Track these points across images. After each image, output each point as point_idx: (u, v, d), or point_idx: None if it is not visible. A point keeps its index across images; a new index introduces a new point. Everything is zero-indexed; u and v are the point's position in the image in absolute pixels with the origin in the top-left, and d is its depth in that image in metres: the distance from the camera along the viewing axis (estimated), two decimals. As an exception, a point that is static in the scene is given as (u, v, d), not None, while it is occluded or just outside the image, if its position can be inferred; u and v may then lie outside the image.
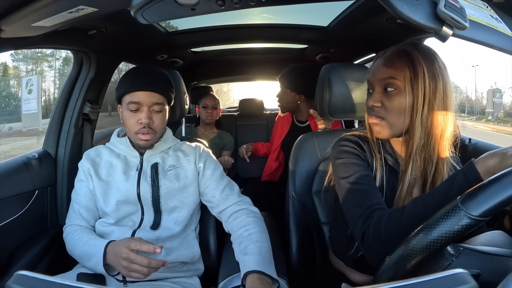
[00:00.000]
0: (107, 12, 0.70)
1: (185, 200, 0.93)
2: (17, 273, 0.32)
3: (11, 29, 0.72)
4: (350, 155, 0.69)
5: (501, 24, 0.55)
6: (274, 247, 0.87)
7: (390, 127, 0.66)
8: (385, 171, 0.69)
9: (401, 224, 0.53)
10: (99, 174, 0.92)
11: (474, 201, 0.40)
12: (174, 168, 0.94)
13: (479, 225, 0.40)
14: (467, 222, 0.40)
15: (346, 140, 0.73)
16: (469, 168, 0.51)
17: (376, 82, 0.67)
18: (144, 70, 0.91)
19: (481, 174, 0.49)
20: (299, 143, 1.03)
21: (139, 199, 0.90)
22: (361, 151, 0.71)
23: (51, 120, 1.20)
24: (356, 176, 0.66)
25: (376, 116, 0.67)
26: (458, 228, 0.40)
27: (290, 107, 1.64)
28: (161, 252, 0.72)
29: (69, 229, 0.91)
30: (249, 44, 1.89)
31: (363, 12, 1.09)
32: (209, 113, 1.92)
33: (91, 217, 0.93)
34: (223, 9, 0.63)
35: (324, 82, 0.99)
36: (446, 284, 0.29)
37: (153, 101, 0.88)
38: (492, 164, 0.48)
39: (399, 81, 0.63)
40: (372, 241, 0.56)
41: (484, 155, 0.50)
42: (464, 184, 0.50)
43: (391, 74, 0.64)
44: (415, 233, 0.45)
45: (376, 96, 0.67)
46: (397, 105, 0.64)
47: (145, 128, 0.87)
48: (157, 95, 0.88)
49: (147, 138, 0.88)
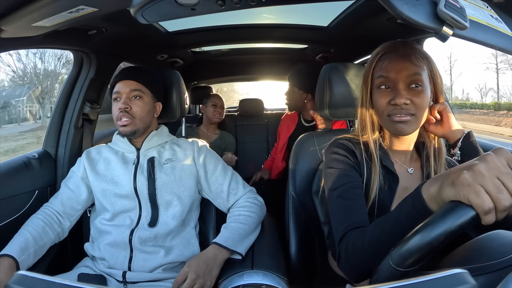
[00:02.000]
0: (107, 12, 0.70)
1: (181, 194, 0.94)
2: (17, 273, 0.32)
3: (11, 29, 0.72)
4: (340, 165, 0.70)
5: (501, 24, 0.55)
6: (274, 247, 0.87)
7: (418, 123, 0.67)
8: (381, 173, 0.70)
9: (363, 248, 0.56)
10: (97, 169, 0.96)
11: (398, 255, 0.42)
12: (171, 162, 0.96)
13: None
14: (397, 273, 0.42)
15: (337, 147, 0.73)
16: (416, 196, 0.49)
17: (401, 78, 0.65)
18: (128, 67, 1.00)
19: (427, 201, 0.46)
20: (299, 143, 1.03)
21: (136, 193, 0.91)
22: (352, 159, 0.71)
23: (51, 120, 1.20)
24: (343, 189, 0.67)
25: (406, 113, 0.66)
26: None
27: (297, 106, 1.66)
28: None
29: (39, 211, 0.93)
30: (249, 44, 1.89)
31: (363, 12, 1.09)
32: (219, 112, 1.94)
33: (70, 205, 0.95)
34: (223, 9, 0.63)
35: (324, 82, 0.99)
36: (446, 284, 0.29)
37: (130, 88, 0.94)
38: (433, 193, 0.46)
39: (423, 78, 0.65)
40: (344, 261, 0.60)
41: (430, 180, 0.48)
42: (412, 210, 0.49)
43: (417, 71, 0.65)
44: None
45: (404, 93, 0.65)
46: (425, 101, 0.66)
47: (122, 112, 0.91)
48: (134, 83, 0.95)
49: (124, 123, 0.92)
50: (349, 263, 0.59)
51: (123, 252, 0.87)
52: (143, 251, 0.87)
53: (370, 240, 0.55)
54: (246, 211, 0.93)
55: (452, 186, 0.42)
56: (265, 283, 0.76)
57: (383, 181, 0.70)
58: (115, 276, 0.86)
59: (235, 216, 0.92)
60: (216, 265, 0.82)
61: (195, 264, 0.80)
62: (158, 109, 1.01)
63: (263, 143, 2.31)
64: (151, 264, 0.86)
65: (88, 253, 0.94)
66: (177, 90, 1.07)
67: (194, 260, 0.81)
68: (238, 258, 0.85)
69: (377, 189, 0.69)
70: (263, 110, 2.44)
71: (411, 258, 0.41)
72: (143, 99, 0.95)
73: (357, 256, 0.57)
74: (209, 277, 0.80)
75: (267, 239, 0.96)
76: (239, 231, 0.88)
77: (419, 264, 0.41)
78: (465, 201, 0.39)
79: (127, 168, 0.94)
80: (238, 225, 0.89)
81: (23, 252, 0.80)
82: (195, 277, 0.78)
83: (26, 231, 0.85)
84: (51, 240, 0.90)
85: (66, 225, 0.94)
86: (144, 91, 0.95)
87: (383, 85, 0.68)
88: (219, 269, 0.82)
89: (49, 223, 0.90)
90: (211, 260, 0.82)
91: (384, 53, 0.69)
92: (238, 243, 0.86)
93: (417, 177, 0.74)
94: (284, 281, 0.80)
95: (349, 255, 0.58)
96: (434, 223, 0.40)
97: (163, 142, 1.00)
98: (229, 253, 0.85)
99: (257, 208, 0.95)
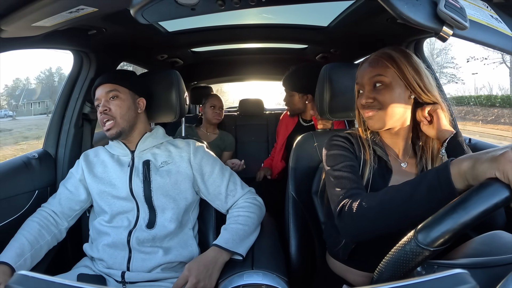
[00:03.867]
0: (107, 12, 0.70)
1: (176, 197, 0.93)
2: (17, 273, 0.32)
3: (11, 29, 0.72)
4: (338, 148, 0.77)
5: (501, 24, 0.55)
6: (274, 247, 0.87)
7: (387, 117, 0.73)
8: (375, 163, 0.76)
9: (371, 208, 0.58)
10: (95, 172, 0.96)
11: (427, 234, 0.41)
12: (166, 165, 0.95)
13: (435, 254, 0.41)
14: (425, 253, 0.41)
15: (336, 136, 0.80)
16: (443, 168, 0.50)
17: (366, 81, 0.75)
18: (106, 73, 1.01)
19: (453, 176, 0.48)
20: (299, 143, 1.03)
21: (133, 195, 0.91)
22: (349, 145, 0.78)
23: (51, 120, 1.20)
24: (341, 165, 0.73)
25: (371, 109, 0.74)
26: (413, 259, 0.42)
27: (299, 109, 1.65)
28: None
29: (35, 213, 0.94)
30: (249, 44, 1.89)
31: (363, 12, 1.09)
32: (217, 113, 1.92)
33: (68, 206, 0.95)
34: (223, 9, 0.63)
35: (324, 82, 0.99)
36: (446, 284, 0.29)
37: (106, 91, 0.95)
38: (464, 169, 0.47)
39: (386, 78, 0.72)
40: (347, 216, 0.62)
41: (462, 157, 0.49)
42: (434, 181, 0.50)
43: (378, 72, 0.73)
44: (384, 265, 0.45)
45: (367, 93, 0.75)
46: (387, 97, 0.72)
47: (102, 115, 0.93)
48: (108, 85, 0.96)
49: (107, 127, 0.93)
50: (352, 217, 0.60)
51: (121, 253, 0.87)
52: (141, 251, 0.87)
53: (381, 201, 0.57)
54: (246, 212, 0.92)
55: (492, 161, 0.43)
56: (265, 283, 0.76)
57: (377, 170, 0.75)
58: (114, 276, 0.86)
59: (234, 217, 0.92)
60: (216, 269, 0.81)
61: (196, 268, 0.79)
62: (142, 104, 1.00)
63: (263, 143, 2.31)
64: (150, 264, 0.86)
65: (87, 253, 0.94)
66: (177, 90, 1.07)
67: (195, 264, 0.80)
68: (239, 259, 0.85)
69: (370, 174, 0.74)
70: (263, 110, 2.44)
71: (442, 238, 0.40)
72: (120, 97, 0.95)
73: (363, 216, 0.58)
74: (209, 281, 0.79)
75: (267, 239, 0.96)
76: (239, 232, 0.87)
77: (448, 244, 0.41)
78: (503, 178, 0.41)
79: (122, 171, 0.94)
80: (238, 226, 0.89)
81: (19, 258, 0.80)
82: (195, 281, 0.76)
83: (22, 236, 0.85)
84: (48, 243, 0.90)
85: (64, 225, 0.94)
86: (120, 89, 0.95)
87: (359, 90, 0.79)
88: (219, 272, 0.82)
89: (45, 225, 0.90)
90: (212, 263, 0.81)
91: (362, 63, 0.78)
92: (239, 244, 0.85)
93: (410, 172, 0.78)
94: (284, 281, 0.80)
95: (354, 209, 0.60)
96: (470, 201, 0.40)
97: (158, 144, 0.99)
98: (229, 254, 0.84)
99: (256, 208, 0.95)
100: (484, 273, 0.40)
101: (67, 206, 0.95)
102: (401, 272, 0.42)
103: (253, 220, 0.92)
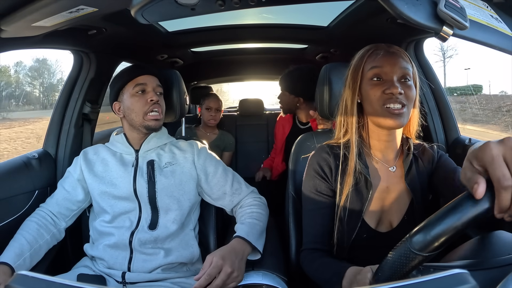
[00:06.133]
0: (107, 12, 0.70)
1: (180, 198, 0.93)
2: (17, 273, 0.32)
3: (11, 29, 0.72)
4: (315, 185, 0.77)
5: (501, 24, 0.55)
6: (274, 247, 0.87)
7: (409, 115, 0.70)
8: (353, 181, 0.73)
9: (312, 270, 0.74)
10: (95, 171, 0.94)
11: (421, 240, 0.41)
12: (171, 165, 0.95)
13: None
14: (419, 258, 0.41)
15: (316, 162, 0.78)
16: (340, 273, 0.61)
17: (395, 71, 0.68)
18: (139, 64, 0.99)
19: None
20: (299, 143, 1.03)
21: (136, 195, 0.91)
22: (328, 174, 0.76)
23: (51, 120, 1.19)
24: (314, 212, 0.78)
25: (401, 103, 0.67)
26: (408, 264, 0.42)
27: (290, 109, 1.66)
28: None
29: (34, 213, 0.93)
30: (250, 44, 1.89)
31: (363, 12, 1.09)
32: (212, 116, 1.89)
33: (65, 206, 0.95)
34: (223, 9, 0.63)
35: (324, 82, 0.99)
36: (446, 284, 0.29)
37: (157, 83, 0.95)
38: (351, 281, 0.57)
39: (412, 74, 0.70)
40: (302, 259, 0.78)
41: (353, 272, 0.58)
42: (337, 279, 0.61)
43: (407, 66, 0.70)
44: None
45: (397, 84, 0.67)
46: (414, 94, 0.70)
47: (155, 104, 0.92)
48: (157, 80, 0.96)
49: (156, 117, 0.93)
50: (304, 267, 0.77)
51: (123, 253, 0.87)
52: (143, 252, 0.87)
53: (316, 271, 0.73)
54: (258, 209, 0.92)
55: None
56: (265, 283, 0.76)
57: (355, 189, 0.73)
58: (114, 277, 0.86)
59: (248, 213, 0.90)
60: (244, 261, 0.78)
61: (229, 258, 0.73)
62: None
63: (263, 143, 2.31)
64: (151, 265, 0.86)
65: (88, 253, 0.94)
66: (177, 90, 1.07)
67: (226, 252, 0.75)
68: (255, 259, 0.82)
69: (348, 196, 0.73)
70: (263, 110, 2.44)
71: (436, 242, 0.39)
72: (162, 95, 0.97)
73: (309, 271, 0.75)
74: (241, 272, 0.75)
75: (267, 239, 0.96)
76: (256, 227, 0.86)
77: (442, 248, 0.40)
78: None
79: (126, 170, 0.93)
80: (254, 221, 0.87)
81: (18, 258, 0.80)
82: (230, 270, 0.71)
83: (21, 236, 0.85)
84: (47, 242, 0.90)
85: (62, 225, 0.94)
86: (162, 92, 0.98)
87: (375, 77, 0.70)
88: (245, 264, 0.78)
89: (43, 224, 0.90)
90: (240, 254, 0.77)
91: (376, 49, 0.72)
92: (257, 239, 0.83)
93: (399, 175, 0.76)
94: (284, 281, 0.80)
95: (305, 264, 0.76)
96: (461, 207, 0.39)
97: (162, 144, 0.99)
98: (250, 249, 0.81)
99: (264, 207, 0.96)
100: (480, 276, 0.40)
101: (64, 206, 0.94)
102: (397, 276, 0.42)
103: (265, 218, 0.92)
